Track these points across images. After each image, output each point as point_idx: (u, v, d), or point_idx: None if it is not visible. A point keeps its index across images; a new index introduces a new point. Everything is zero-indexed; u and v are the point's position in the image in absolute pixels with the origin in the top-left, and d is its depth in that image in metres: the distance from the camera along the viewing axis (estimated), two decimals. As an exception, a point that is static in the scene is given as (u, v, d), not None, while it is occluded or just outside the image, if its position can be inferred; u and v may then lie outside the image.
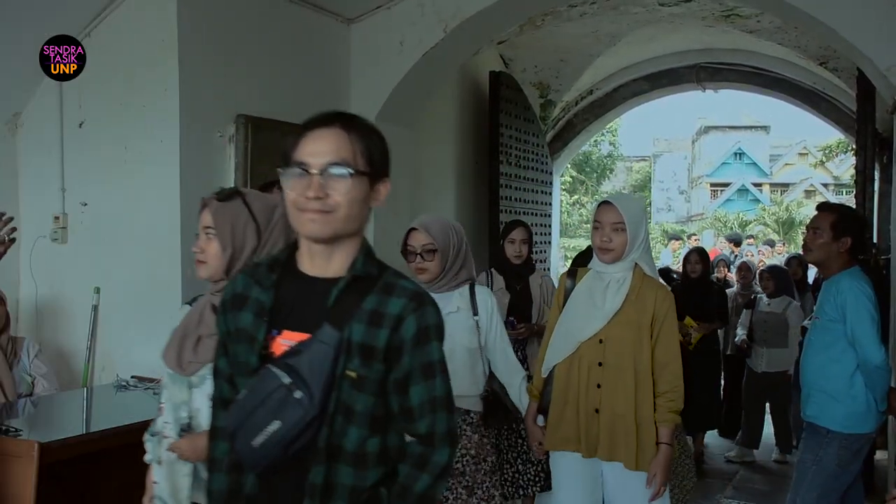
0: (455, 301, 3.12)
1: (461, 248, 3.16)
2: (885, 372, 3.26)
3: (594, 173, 30.56)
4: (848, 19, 4.36)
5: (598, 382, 2.91)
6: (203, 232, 2.37)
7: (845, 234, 3.39)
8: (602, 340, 2.92)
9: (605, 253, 2.94)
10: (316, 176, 1.62)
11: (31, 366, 4.01)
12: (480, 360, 3.13)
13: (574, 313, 2.99)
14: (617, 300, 2.91)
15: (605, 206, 2.97)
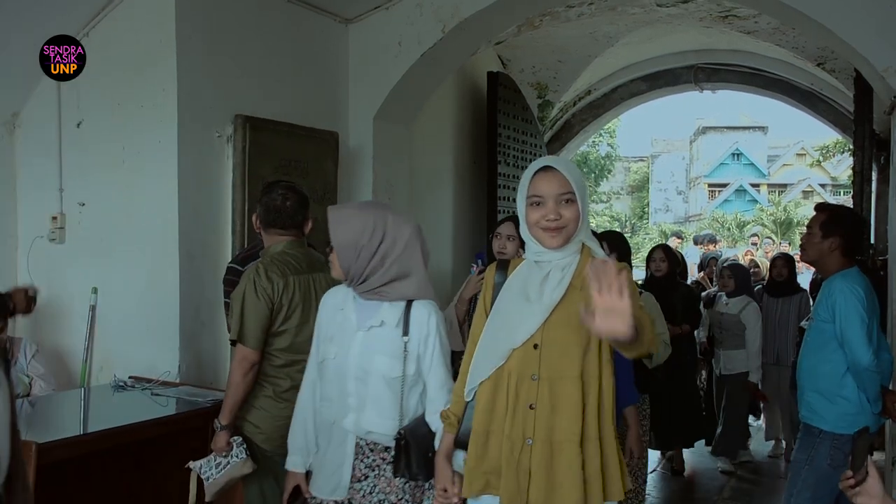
0: (381, 313, 2.55)
1: (384, 250, 2.52)
2: (873, 373, 3.27)
3: (592, 174, 30.58)
4: (845, 20, 4.36)
5: (532, 402, 2.22)
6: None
7: (833, 234, 3.42)
8: (538, 345, 2.23)
9: (555, 234, 2.24)
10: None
11: (29, 366, 4.02)
12: (401, 392, 2.51)
13: (503, 314, 2.32)
14: (558, 291, 2.22)
15: (546, 173, 2.25)
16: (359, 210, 2.60)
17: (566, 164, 2.30)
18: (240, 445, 3.06)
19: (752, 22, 6.87)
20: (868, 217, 6.40)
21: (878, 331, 3.54)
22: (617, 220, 37.34)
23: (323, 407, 2.62)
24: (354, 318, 2.55)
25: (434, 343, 2.54)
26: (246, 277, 3.08)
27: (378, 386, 2.50)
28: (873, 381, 3.29)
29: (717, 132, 44.65)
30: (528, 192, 2.27)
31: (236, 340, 3.05)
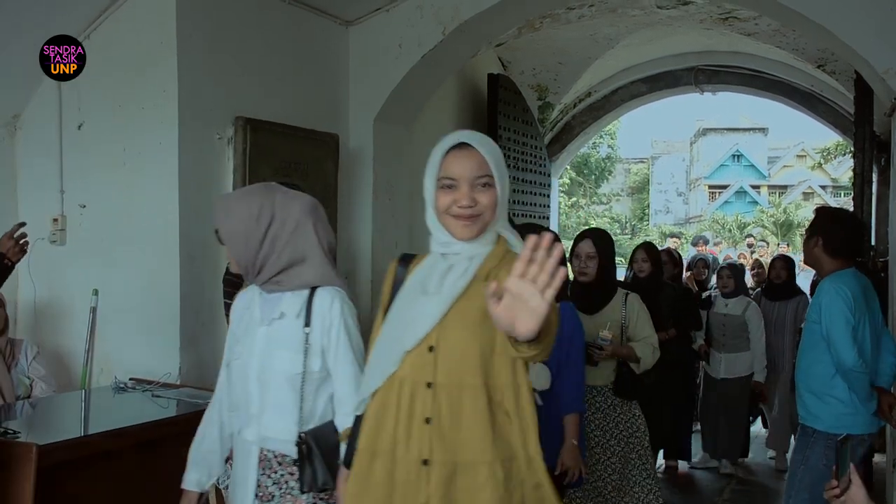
0: (282, 304, 2.29)
1: (273, 234, 2.26)
2: (859, 374, 3.29)
3: (593, 175, 30.60)
4: (846, 22, 4.37)
5: (428, 415, 1.87)
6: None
7: (815, 234, 3.49)
8: (433, 348, 1.89)
9: (468, 223, 1.90)
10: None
11: (30, 368, 4.02)
12: (301, 390, 2.23)
13: (399, 312, 1.99)
14: (460, 282, 1.89)
15: (461, 151, 1.92)
16: (244, 194, 2.36)
17: (485, 141, 1.97)
18: None
19: (753, 24, 6.87)
20: (869, 219, 6.40)
21: (881, 332, 3.55)
22: (617, 222, 37.33)
23: (232, 416, 2.38)
24: (258, 313, 2.31)
25: (339, 334, 2.26)
26: None
27: (279, 385, 2.23)
28: (860, 382, 3.31)
29: (717, 134, 44.67)
30: (438, 173, 1.92)
31: None
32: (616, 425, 3.74)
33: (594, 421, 3.71)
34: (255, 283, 2.34)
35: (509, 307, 1.50)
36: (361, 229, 5.45)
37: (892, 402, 3.43)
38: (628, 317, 3.78)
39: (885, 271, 5.19)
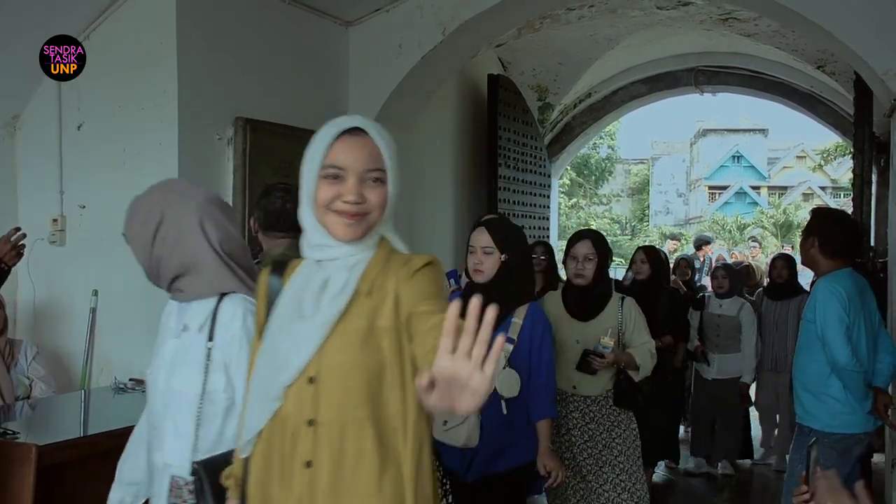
0: (187, 315, 2.05)
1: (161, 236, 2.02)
2: (853, 372, 3.31)
3: (593, 176, 30.59)
4: (845, 23, 4.37)
5: (308, 458, 1.61)
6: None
7: (811, 235, 3.52)
8: (313, 379, 1.62)
9: (355, 222, 1.66)
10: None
11: (29, 368, 4.01)
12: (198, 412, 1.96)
13: (274, 339, 1.70)
14: (339, 300, 1.63)
15: (353, 138, 1.67)
16: (145, 193, 2.11)
17: (381, 130, 1.73)
18: None
19: (752, 24, 6.87)
20: (868, 220, 6.40)
21: (879, 332, 3.56)
22: (617, 223, 37.32)
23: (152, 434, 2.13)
24: (173, 322, 2.09)
25: (241, 348, 1.96)
26: None
27: (178, 406, 1.99)
28: (854, 381, 3.33)
29: (717, 135, 44.65)
30: (322, 160, 1.65)
31: None
32: (609, 434, 3.57)
33: (587, 432, 3.55)
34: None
35: (444, 394, 1.21)
36: (361, 230, 5.44)
37: (887, 402, 3.44)
38: (625, 322, 3.60)
39: (885, 272, 5.19)
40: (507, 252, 3.05)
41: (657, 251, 5.62)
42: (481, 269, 3.04)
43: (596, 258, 3.54)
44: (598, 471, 3.54)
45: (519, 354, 2.99)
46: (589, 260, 3.53)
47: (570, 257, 3.60)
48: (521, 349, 2.99)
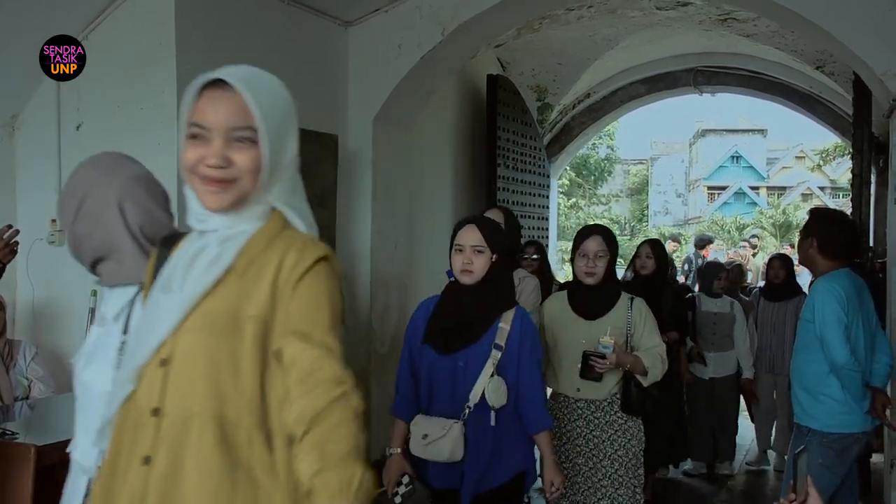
0: (107, 303, 1.85)
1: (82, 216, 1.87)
2: (851, 372, 3.32)
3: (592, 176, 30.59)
4: (844, 24, 4.37)
5: (147, 453, 1.41)
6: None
7: (809, 235, 3.53)
8: (165, 361, 1.43)
9: (220, 189, 1.45)
10: None
11: (28, 369, 4.01)
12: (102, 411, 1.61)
13: (144, 312, 1.56)
14: (207, 276, 1.43)
15: (215, 91, 1.55)
16: (81, 163, 2.00)
17: (256, 80, 1.60)
18: None
19: (752, 25, 6.88)
20: (867, 220, 6.41)
21: (876, 332, 3.57)
22: (616, 223, 37.33)
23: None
24: (103, 308, 1.87)
25: None
26: None
27: (90, 401, 1.80)
28: (852, 380, 3.34)
29: (716, 135, 44.68)
30: (189, 117, 1.48)
31: None
32: (612, 445, 3.33)
33: (591, 440, 3.33)
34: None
35: None
36: (360, 230, 5.45)
37: (885, 402, 3.45)
38: (634, 323, 3.35)
39: (883, 272, 5.19)
40: (498, 251, 2.81)
41: (663, 247, 5.35)
42: (471, 269, 2.75)
43: (607, 255, 3.34)
44: (596, 475, 3.34)
45: (507, 361, 2.78)
46: (600, 257, 3.32)
47: (579, 255, 3.36)
48: (509, 356, 2.79)
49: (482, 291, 2.79)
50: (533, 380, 2.84)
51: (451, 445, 2.69)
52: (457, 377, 2.77)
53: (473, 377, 2.75)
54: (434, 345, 2.81)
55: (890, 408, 3.50)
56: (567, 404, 3.37)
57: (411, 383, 2.88)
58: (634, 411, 3.33)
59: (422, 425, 2.77)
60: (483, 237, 2.80)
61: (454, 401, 2.76)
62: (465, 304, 2.82)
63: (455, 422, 2.72)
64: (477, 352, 2.76)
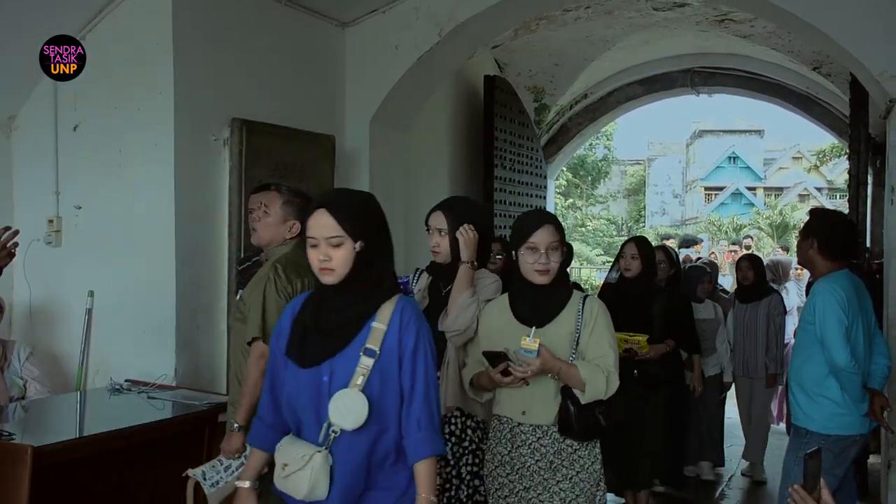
0: None
1: None
2: (851, 374, 3.32)
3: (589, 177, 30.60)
4: (841, 24, 4.38)
5: None
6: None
7: (810, 235, 3.52)
8: None
9: None
10: None
11: (23, 369, 4.01)
12: None
13: None
14: None
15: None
16: None
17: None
18: None
19: (749, 26, 6.89)
20: (864, 221, 6.41)
21: (874, 334, 3.57)
22: (613, 224, 37.36)
23: None
24: None
25: None
26: (263, 277, 3.08)
27: None
28: (852, 382, 3.34)
29: (713, 135, 44.76)
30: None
31: (256, 338, 3.03)
32: (560, 475, 2.77)
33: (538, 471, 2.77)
34: None
35: None
36: (358, 231, 5.44)
37: (883, 404, 3.45)
38: (583, 327, 2.78)
39: (881, 273, 5.20)
40: (364, 237, 2.25)
41: (650, 245, 4.82)
42: (329, 266, 2.20)
43: (560, 247, 2.81)
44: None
45: (386, 369, 2.19)
46: (554, 250, 2.76)
47: (526, 249, 2.77)
48: (387, 362, 2.19)
49: (348, 289, 2.22)
50: (421, 390, 2.22)
51: (310, 479, 2.14)
52: (321, 394, 2.18)
53: (338, 391, 2.18)
54: (293, 356, 2.25)
55: (888, 410, 3.50)
56: (510, 429, 2.83)
57: (272, 404, 2.33)
58: (576, 435, 2.75)
59: (284, 451, 2.22)
60: (338, 223, 2.18)
61: (321, 423, 2.19)
62: (325, 305, 2.26)
63: (318, 450, 2.15)
64: (345, 361, 2.18)
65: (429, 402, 2.22)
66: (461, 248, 3.06)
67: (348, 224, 2.17)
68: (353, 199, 2.30)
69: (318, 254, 2.19)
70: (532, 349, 2.62)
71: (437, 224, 3.13)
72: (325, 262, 2.17)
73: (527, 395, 2.77)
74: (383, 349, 2.18)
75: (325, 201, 2.24)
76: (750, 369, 5.83)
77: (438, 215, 3.13)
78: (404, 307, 2.24)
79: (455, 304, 3.03)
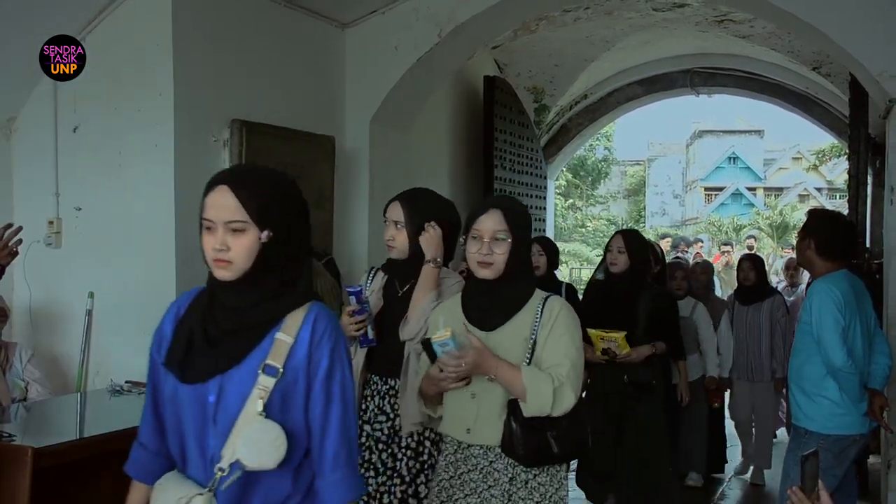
0: None
1: None
2: (849, 374, 3.33)
3: (589, 177, 30.63)
4: (840, 24, 4.38)
5: None
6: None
7: (808, 236, 3.53)
8: None
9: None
10: None
11: (24, 371, 4.01)
12: None
13: None
14: None
15: None
16: None
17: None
18: None
19: (748, 26, 6.89)
20: (864, 221, 6.41)
21: (875, 333, 3.57)
22: (613, 224, 37.39)
23: None
24: None
25: None
26: None
27: None
28: (849, 382, 3.35)
29: (713, 136, 44.80)
30: None
31: None
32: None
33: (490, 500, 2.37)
34: None
35: None
36: (357, 232, 5.45)
37: (882, 404, 3.45)
38: (540, 330, 2.37)
39: (880, 273, 5.20)
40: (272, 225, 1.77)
41: (640, 239, 4.48)
42: (225, 257, 1.74)
43: (509, 238, 2.38)
44: None
45: (291, 392, 1.76)
46: (499, 240, 2.37)
47: (470, 238, 2.43)
48: (292, 382, 1.76)
49: (248, 288, 1.79)
50: (330, 423, 1.78)
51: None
52: (206, 418, 1.77)
53: (231, 419, 1.73)
54: (174, 368, 1.83)
55: (887, 409, 3.50)
56: (455, 451, 2.44)
57: (155, 427, 1.90)
58: (521, 459, 2.33)
59: (158, 494, 1.80)
60: (242, 205, 1.74)
61: (205, 457, 1.76)
62: (218, 306, 1.82)
63: (199, 493, 1.71)
64: (238, 379, 1.75)
65: (346, 434, 1.80)
66: (424, 247, 2.81)
67: (255, 207, 1.73)
68: (265, 177, 1.84)
69: (214, 241, 1.75)
70: (443, 339, 2.23)
71: (394, 216, 2.87)
72: (220, 253, 1.73)
73: (471, 409, 2.38)
74: (288, 367, 1.74)
75: (227, 177, 1.79)
76: (754, 373, 5.68)
77: (396, 206, 2.89)
78: (318, 316, 1.80)
79: (417, 307, 2.74)
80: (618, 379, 4.10)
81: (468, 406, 2.38)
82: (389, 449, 2.83)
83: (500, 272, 2.38)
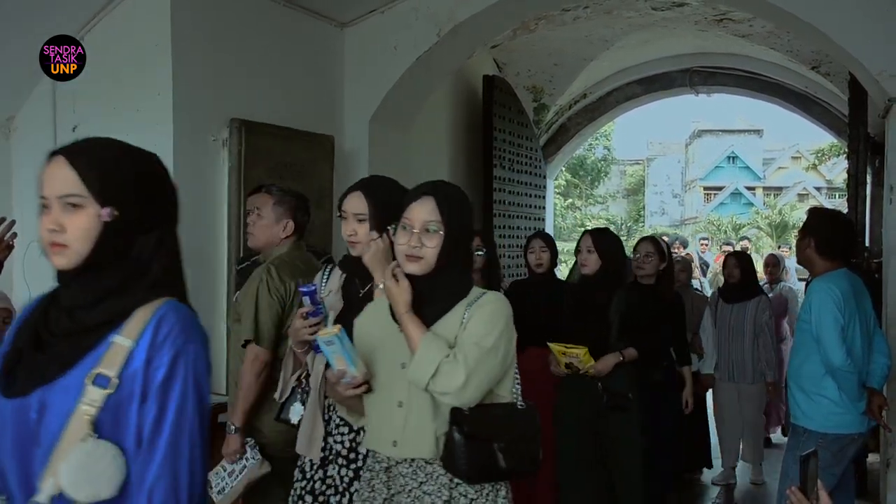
0: None
1: None
2: (847, 373, 3.33)
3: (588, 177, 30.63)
4: (839, 24, 4.38)
5: None
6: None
7: (808, 235, 3.53)
8: None
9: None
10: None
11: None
12: None
13: None
14: None
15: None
16: None
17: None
18: (253, 447, 3.05)
19: (747, 25, 6.89)
20: (863, 220, 6.41)
21: (874, 332, 3.58)
22: (613, 223, 37.42)
23: None
24: None
25: None
26: (256, 279, 3.09)
27: None
28: (848, 381, 3.35)
29: (712, 135, 44.84)
30: None
31: (249, 340, 3.03)
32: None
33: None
34: None
35: None
36: (357, 231, 5.45)
37: (881, 403, 3.46)
38: (466, 322, 2.08)
39: (880, 272, 5.20)
40: (117, 201, 1.55)
41: (612, 238, 4.21)
42: (60, 240, 1.46)
43: (442, 230, 2.07)
44: None
45: (120, 410, 1.43)
46: (430, 231, 2.07)
47: (400, 227, 2.13)
48: (124, 397, 1.43)
49: (90, 279, 1.49)
50: (157, 445, 1.43)
51: None
52: (27, 438, 1.45)
53: (55, 439, 1.41)
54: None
55: (886, 409, 3.50)
56: (381, 469, 2.13)
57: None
58: (463, 475, 2.04)
59: None
60: (79, 177, 1.48)
61: (27, 484, 1.44)
62: (56, 304, 1.54)
63: None
64: (63, 392, 1.43)
65: (176, 462, 1.43)
66: (370, 265, 2.46)
67: (95, 178, 1.48)
68: (111, 147, 1.60)
69: (48, 221, 1.46)
70: (328, 337, 2.00)
71: (355, 208, 2.48)
72: (53, 234, 1.44)
73: (398, 418, 2.07)
74: (124, 376, 1.42)
75: (66, 147, 1.51)
76: (737, 374, 5.55)
77: (357, 198, 2.49)
78: (166, 315, 1.51)
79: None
80: (591, 388, 3.83)
81: (395, 415, 2.07)
82: (354, 464, 2.47)
83: (430, 267, 2.07)
